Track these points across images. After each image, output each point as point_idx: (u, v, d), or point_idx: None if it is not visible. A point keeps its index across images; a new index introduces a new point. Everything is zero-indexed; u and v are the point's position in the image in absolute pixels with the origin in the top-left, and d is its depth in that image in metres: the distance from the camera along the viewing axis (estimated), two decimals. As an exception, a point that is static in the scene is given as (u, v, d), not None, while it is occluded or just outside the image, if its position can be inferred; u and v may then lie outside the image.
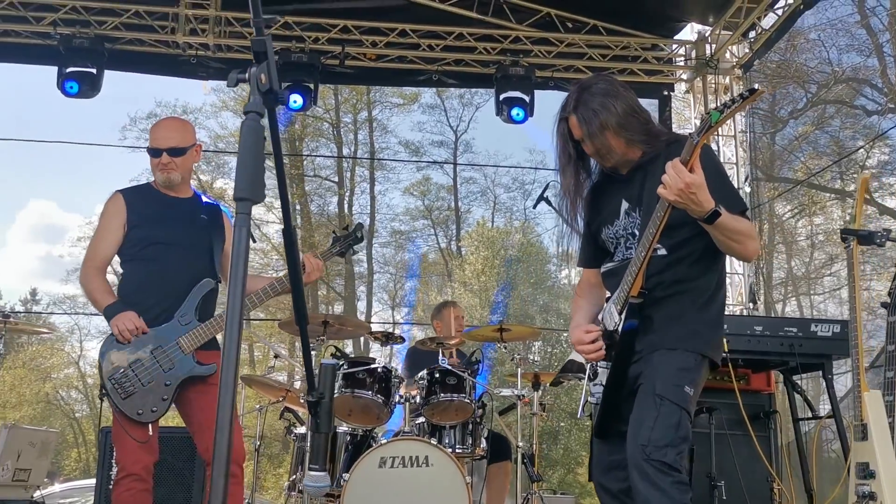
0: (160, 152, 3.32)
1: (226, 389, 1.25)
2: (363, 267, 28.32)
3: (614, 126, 2.46)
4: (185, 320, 3.21)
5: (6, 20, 6.94)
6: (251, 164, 1.33)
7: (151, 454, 3.18)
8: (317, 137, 27.40)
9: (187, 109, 26.63)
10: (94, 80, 6.88)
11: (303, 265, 3.34)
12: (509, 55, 7.46)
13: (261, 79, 1.38)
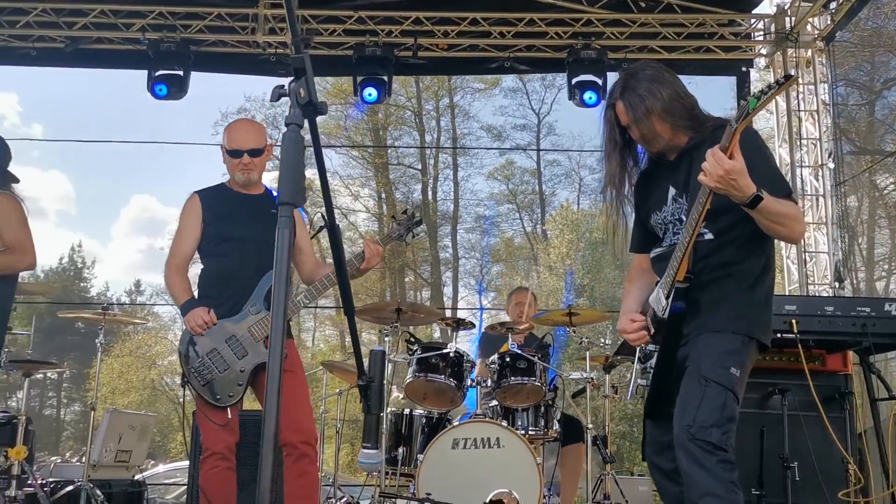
0: (241, 153, 3.52)
1: (272, 379, 1.40)
2: (449, 253, 28.59)
3: (659, 111, 2.52)
4: (254, 310, 3.41)
5: (99, 28, 7.36)
6: (292, 172, 1.48)
7: (232, 435, 3.40)
8: (399, 126, 27.71)
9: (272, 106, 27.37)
10: (181, 82, 7.24)
11: (362, 253, 3.51)
12: (581, 38, 7.46)
13: (300, 93, 1.52)
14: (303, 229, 3.77)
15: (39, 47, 7.47)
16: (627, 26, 7.49)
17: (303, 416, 3.44)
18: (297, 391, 3.48)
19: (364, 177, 28.85)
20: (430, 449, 4.30)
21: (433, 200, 28.23)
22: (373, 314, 4.89)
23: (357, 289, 29.09)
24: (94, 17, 7.31)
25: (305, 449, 3.40)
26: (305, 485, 3.42)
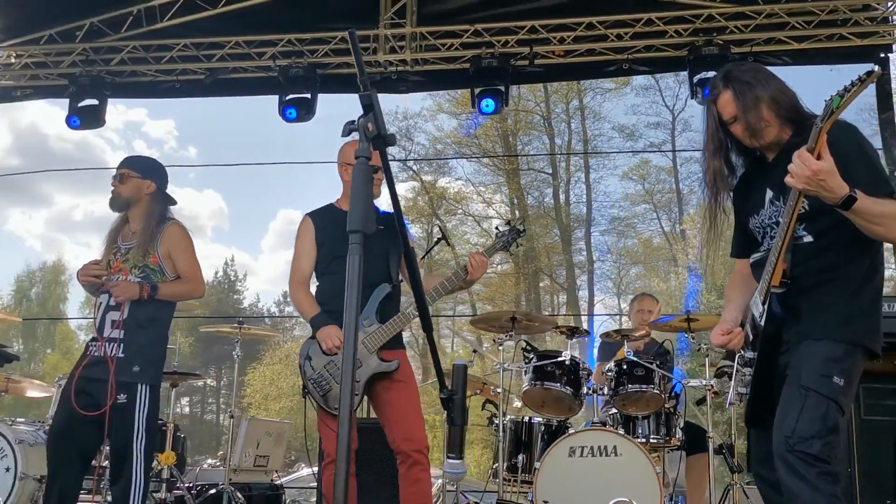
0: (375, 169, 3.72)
1: (346, 388, 1.51)
2: (583, 256, 28.26)
3: (768, 99, 2.48)
4: (367, 323, 3.58)
5: (235, 58, 7.87)
6: (362, 201, 1.60)
7: (353, 442, 3.58)
8: (528, 131, 27.74)
9: (407, 115, 28.10)
10: (309, 105, 7.62)
11: (465, 266, 3.60)
12: (702, 35, 7.27)
13: (368, 127, 1.64)
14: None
15: (183, 80, 8.06)
16: (752, 18, 7.22)
17: (414, 425, 3.57)
18: (408, 401, 3.62)
19: (496, 183, 29.08)
20: (546, 457, 4.34)
21: (565, 204, 28.05)
22: (487, 323, 4.98)
23: (493, 294, 29.33)
24: (229, 49, 7.82)
25: (417, 457, 3.53)
26: (418, 491, 3.55)
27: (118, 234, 3.85)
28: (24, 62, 8.23)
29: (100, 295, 3.75)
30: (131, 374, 3.59)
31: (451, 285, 3.69)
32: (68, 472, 3.58)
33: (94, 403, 3.56)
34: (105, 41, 7.94)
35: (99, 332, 3.66)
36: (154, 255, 3.73)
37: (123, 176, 3.80)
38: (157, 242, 3.78)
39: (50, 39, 8.03)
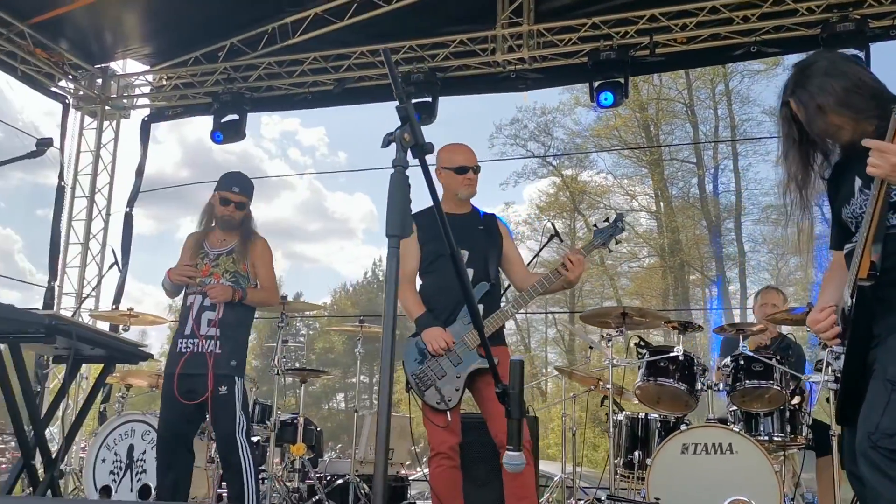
0: (468, 169, 3.85)
1: (383, 389, 1.62)
2: (734, 248, 27.07)
3: (833, 106, 2.38)
4: (467, 320, 3.68)
5: (361, 67, 8.20)
6: (399, 207, 1.70)
7: (455, 436, 3.69)
8: (670, 120, 26.86)
9: (545, 110, 27.97)
10: (430, 108, 7.81)
11: (563, 265, 3.63)
12: (836, 11, 6.87)
13: (405, 137, 1.74)
14: (509, 241, 3.98)
15: (314, 91, 8.50)
16: (892, -11, 6.76)
17: (515, 419, 3.64)
18: (510, 396, 3.69)
19: (638, 175, 28.38)
20: (658, 453, 4.28)
21: (713, 193, 26.98)
22: (598, 319, 4.96)
23: (639, 288, 28.66)
24: (355, 59, 8.16)
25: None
26: (522, 485, 3.62)
27: (204, 239, 4.17)
28: (175, 83, 8.95)
29: (188, 295, 4.13)
30: (230, 367, 3.96)
31: (549, 283, 3.72)
32: (181, 464, 3.99)
33: (196, 396, 3.94)
34: (244, 59, 8.49)
35: (193, 330, 4.02)
36: (244, 263, 4.09)
37: (244, 204, 4.20)
38: (248, 253, 4.13)
39: (196, 61, 8.69)
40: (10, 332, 2.89)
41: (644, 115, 26.47)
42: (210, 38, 8.48)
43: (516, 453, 2.08)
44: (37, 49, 8.18)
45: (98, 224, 9.05)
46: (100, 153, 9.19)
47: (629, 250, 28.20)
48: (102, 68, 9.12)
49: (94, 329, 3.33)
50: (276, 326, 5.24)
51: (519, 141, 29.02)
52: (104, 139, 9.24)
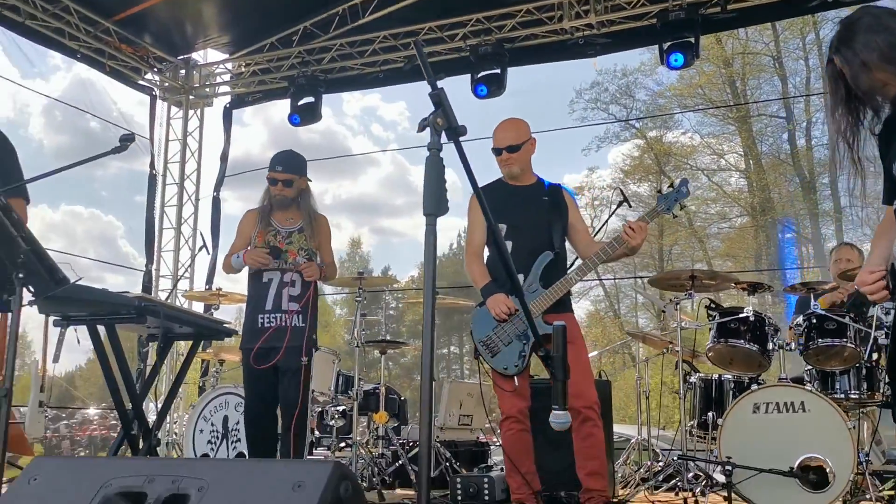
0: (500, 151, 3.94)
1: (425, 359, 1.76)
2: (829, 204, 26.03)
3: (876, 62, 2.37)
4: (532, 288, 3.79)
5: (429, 43, 8.30)
6: (434, 187, 1.82)
7: (524, 400, 3.82)
8: (757, 74, 25.90)
9: (626, 71, 27.43)
10: (499, 80, 7.87)
11: (620, 236, 3.68)
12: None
13: (438, 121, 1.86)
14: (574, 210, 4.05)
15: (385, 69, 8.67)
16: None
17: (583, 383, 3.74)
18: (576, 361, 3.77)
19: (725, 133, 27.56)
20: (729, 413, 4.30)
21: (805, 148, 25.97)
22: (666, 282, 4.97)
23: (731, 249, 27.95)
24: (424, 35, 8.27)
25: (588, 413, 3.71)
26: (591, 445, 3.73)
27: (269, 217, 4.34)
28: (253, 70, 9.27)
29: (264, 272, 4.27)
30: (311, 340, 4.16)
31: (612, 250, 3.78)
32: (269, 433, 4.21)
33: (280, 368, 4.15)
34: (317, 42, 8.72)
35: (276, 305, 4.20)
36: (315, 241, 4.26)
37: (291, 182, 4.30)
38: (315, 231, 4.33)
39: (271, 47, 8.97)
40: (105, 314, 3.18)
41: (729, 70, 25.61)
42: (284, 23, 8.74)
43: (562, 412, 2.19)
44: (122, 45, 8.61)
45: (188, 209, 9.53)
46: (186, 141, 9.64)
47: (718, 211, 27.53)
48: (185, 59, 9.53)
49: (180, 308, 3.60)
50: (355, 301, 5.47)
51: (600, 104, 28.58)
52: (190, 127, 9.67)
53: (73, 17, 8.04)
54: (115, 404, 3.39)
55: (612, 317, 30.93)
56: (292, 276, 4.25)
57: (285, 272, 4.25)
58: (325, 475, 1.47)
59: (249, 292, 4.37)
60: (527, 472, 3.83)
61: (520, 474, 3.82)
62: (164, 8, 8.42)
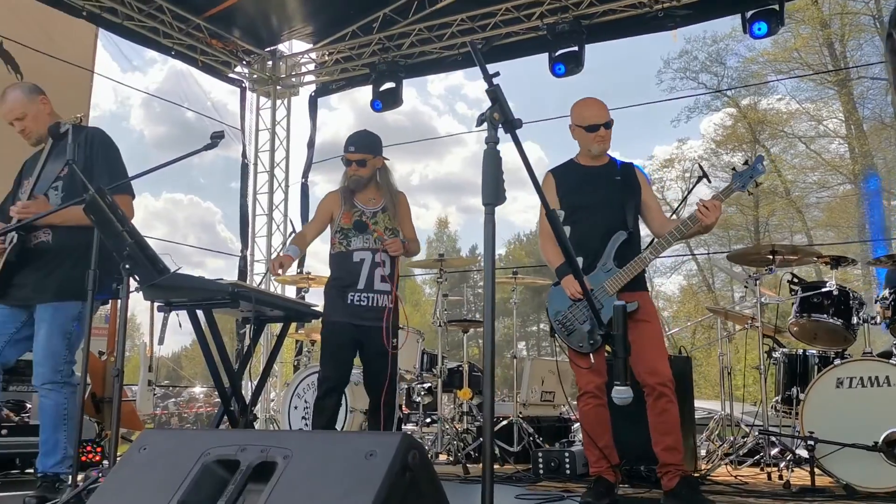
0: (598, 127, 3.99)
1: (486, 337, 1.89)
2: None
3: None
4: (606, 267, 3.85)
5: (506, 24, 8.36)
6: (492, 179, 1.94)
7: (600, 377, 3.89)
8: (857, 35, 24.70)
9: (716, 38, 26.66)
10: (577, 58, 7.86)
11: (693, 215, 3.70)
12: None
13: (495, 116, 1.97)
14: (647, 189, 4.08)
15: (463, 52, 8.77)
16: None
17: (657, 360, 3.79)
18: (650, 338, 3.84)
19: (823, 98, 26.44)
20: (812, 388, 4.28)
21: (913, 111, 24.65)
22: (747, 258, 4.93)
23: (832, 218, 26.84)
24: (500, 16, 8.33)
25: (662, 390, 3.76)
26: (665, 421, 3.79)
27: (352, 198, 4.39)
28: (335, 58, 9.53)
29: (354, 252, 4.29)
30: (399, 322, 4.28)
31: (687, 229, 3.81)
32: (335, 410, 4.27)
33: (368, 347, 4.22)
34: (396, 28, 8.89)
35: (369, 285, 4.26)
36: (396, 220, 4.36)
37: (364, 161, 4.35)
38: (397, 210, 4.40)
39: (353, 35, 9.20)
40: (202, 300, 3.44)
41: (826, 32, 24.54)
42: (364, 11, 8.94)
43: (623, 387, 2.28)
44: (213, 40, 9.00)
45: (279, 195, 9.91)
46: (275, 130, 10.00)
47: (818, 179, 26.50)
48: (271, 51, 9.87)
49: (271, 293, 3.83)
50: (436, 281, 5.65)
51: (689, 74, 27.87)
52: (278, 116, 10.04)
53: (166, 16, 8.45)
54: (214, 383, 3.66)
55: (705, 291, 30.29)
56: (382, 256, 4.29)
57: (376, 252, 4.29)
58: (394, 445, 1.63)
59: (337, 270, 4.37)
60: (605, 446, 3.92)
61: (598, 448, 3.91)
62: (251, 2, 8.75)
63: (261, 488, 1.66)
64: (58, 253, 3.76)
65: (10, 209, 3.80)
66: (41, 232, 3.78)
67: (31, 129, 3.93)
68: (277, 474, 1.66)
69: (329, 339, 4.29)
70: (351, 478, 1.60)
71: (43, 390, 3.70)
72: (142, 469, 1.81)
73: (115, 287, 3.27)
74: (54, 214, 3.61)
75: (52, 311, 3.70)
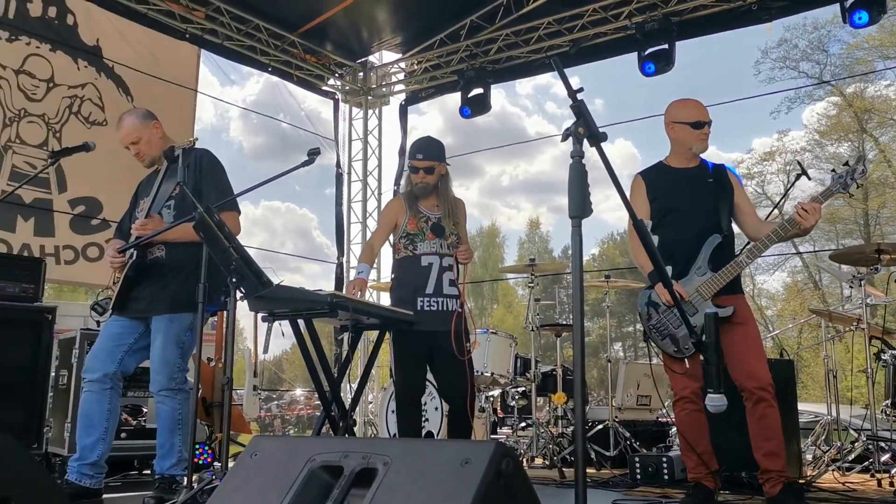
0: (703, 124, 3.98)
1: (576, 344, 1.93)
2: None
3: None
4: (700, 272, 3.82)
5: (594, 25, 8.33)
6: (578, 192, 1.98)
7: (696, 381, 3.85)
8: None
9: (818, 24, 25.69)
10: (668, 56, 7.75)
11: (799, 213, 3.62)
12: None
13: (580, 131, 2.02)
14: (740, 191, 4.02)
15: (551, 55, 8.76)
16: None
17: (755, 364, 3.73)
18: (748, 342, 3.78)
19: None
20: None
21: None
22: (851, 257, 4.77)
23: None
24: (588, 17, 8.30)
25: (761, 394, 3.70)
26: (765, 426, 3.71)
27: (416, 204, 4.39)
28: (424, 66, 9.69)
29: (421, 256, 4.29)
30: (467, 324, 4.28)
31: (784, 232, 3.74)
32: (416, 416, 4.33)
33: (442, 351, 4.17)
34: (483, 34, 8.97)
35: (438, 289, 4.25)
36: (459, 225, 4.38)
37: (432, 169, 4.35)
38: (459, 216, 4.40)
39: (441, 43, 9.33)
40: (303, 310, 3.60)
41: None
42: (451, 19, 9.06)
43: (717, 395, 2.29)
44: (307, 55, 9.31)
45: (372, 203, 10.15)
46: (367, 139, 10.25)
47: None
48: (362, 62, 10.12)
49: (367, 302, 3.93)
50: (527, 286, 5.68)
51: (789, 63, 26.93)
52: (370, 126, 10.28)
53: (262, 35, 8.79)
54: (315, 389, 3.82)
55: (811, 288, 29.14)
56: (449, 260, 4.29)
57: (443, 256, 4.29)
58: (488, 453, 1.70)
59: (404, 275, 4.35)
60: (703, 452, 3.88)
61: (695, 454, 3.87)
62: (342, 17, 8.99)
63: (363, 493, 1.75)
64: (171, 267, 4.00)
65: (129, 227, 4.08)
66: (156, 248, 4.03)
67: (144, 152, 4.19)
68: (378, 480, 1.76)
69: (400, 344, 4.28)
70: (447, 484, 1.68)
71: (159, 396, 3.95)
72: (254, 473, 1.94)
73: (223, 299, 3.46)
74: (168, 231, 3.85)
75: (166, 322, 3.94)
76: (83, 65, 7.71)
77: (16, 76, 7.17)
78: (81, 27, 7.72)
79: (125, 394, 5.38)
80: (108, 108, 7.74)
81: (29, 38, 7.29)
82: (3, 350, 4.66)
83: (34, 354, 4.78)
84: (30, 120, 7.23)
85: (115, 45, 7.91)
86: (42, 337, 4.85)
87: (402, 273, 4.37)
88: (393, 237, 4.45)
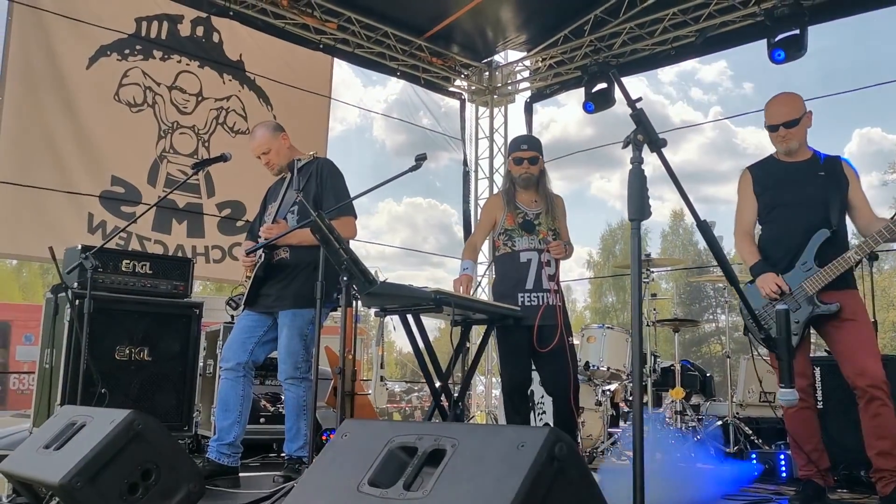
0: (777, 128, 3.94)
1: (634, 341, 2.06)
2: None
3: None
4: (805, 267, 3.76)
5: (721, 13, 8.15)
6: (637, 196, 2.10)
7: (803, 378, 3.75)
8: None
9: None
10: (798, 41, 7.47)
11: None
12: None
13: (639, 138, 2.14)
14: (855, 183, 3.91)
15: (676, 46, 8.65)
16: None
17: (866, 361, 3.65)
18: (857, 338, 3.71)
19: None
20: None
21: None
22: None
23: None
24: (714, 6, 8.13)
25: (874, 392, 3.61)
26: (879, 425, 3.63)
27: (515, 199, 4.48)
28: (549, 63, 9.79)
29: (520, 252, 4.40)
30: (565, 319, 4.36)
31: (889, 234, 3.65)
32: (526, 412, 4.46)
33: (547, 346, 4.26)
34: (607, 29, 8.97)
35: (538, 285, 4.34)
36: (557, 221, 4.45)
37: (536, 159, 4.43)
38: (557, 212, 4.46)
39: (565, 39, 9.41)
40: (410, 306, 3.84)
41: None
42: (575, 15, 9.12)
43: (787, 390, 2.33)
44: (434, 58, 9.63)
45: (499, 200, 10.33)
46: (493, 138, 10.46)
47: None
48: (488, 62, 10.35)
49: (471, 298, 4.11)
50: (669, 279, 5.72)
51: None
52: (496, 124, 10.49)
53: (391, 41, 9.19)
54: (425, 379, 4.08)
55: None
56: (547, 256, 4.36)
57: (541, 252, 4.36)
58: (541, 437, 1.86)
59: (504, 271, 4.47)
60: (812, 450, 3.83)
61: (804, 452, 3.83)
62: (467, 19, 9.25)
63: (433, 471, 1.96)
64: (295, 267, 4.37)
65: (259, 230, 4.50)
66: (281, 250, 4.41)
67: (274, 161, 4.58)
68: (446, 459, 1.96)
69: (505, 339, 4.40)
70: (504, 464, 1.86)
71: (286, 384, 4.33)
72: (342, 451, 2.20)
73: (336, 296, 3.78)
74: (290, 235, 4.22)
75: (291, 316, 4.32)
76: (228, 78, 8.36)
77: (169, 92, 7.89)
78: (226, 44, 8.37)
79: (264, 382, 5.87)
80: (251, 118, 8.34)
81: (180, 56, 7.99)
82: (158, 342, 5.20)
83: (184, 346, 5.30)
84: (182, 131, 7.93)
85: (255, 59, 8.52)
86: (191, 329, 5.37)
87: (503, 269, 4.51)
88: (493, 234, 4.58)
